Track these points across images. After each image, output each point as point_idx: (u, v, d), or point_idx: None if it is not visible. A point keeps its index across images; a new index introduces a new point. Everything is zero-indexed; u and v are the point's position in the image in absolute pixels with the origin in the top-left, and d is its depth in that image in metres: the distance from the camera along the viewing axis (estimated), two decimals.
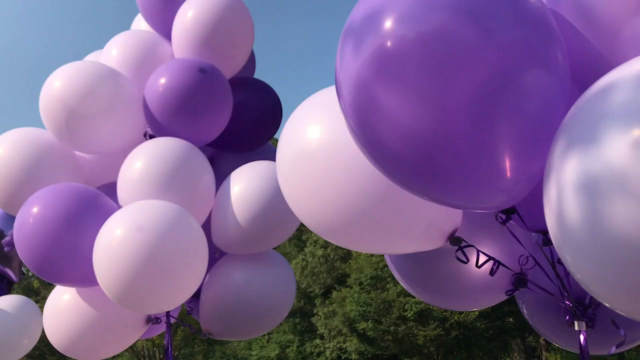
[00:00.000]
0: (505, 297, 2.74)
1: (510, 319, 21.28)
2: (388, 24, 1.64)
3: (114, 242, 2.85)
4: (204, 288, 3.41)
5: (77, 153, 3.66)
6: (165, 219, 2.95)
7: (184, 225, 3.04)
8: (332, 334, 37.72)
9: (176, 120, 3.40)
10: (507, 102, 1.67)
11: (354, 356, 35.08)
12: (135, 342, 17.39)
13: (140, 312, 3.27)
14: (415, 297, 20.11)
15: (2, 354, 4.47)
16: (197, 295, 3.45)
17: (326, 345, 39.74)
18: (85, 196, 3.14)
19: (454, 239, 2.22)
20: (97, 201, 3.14)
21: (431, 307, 20.58)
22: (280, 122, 4.12)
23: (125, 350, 17.44)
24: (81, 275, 3.10)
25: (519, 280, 2.55)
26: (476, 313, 20.61)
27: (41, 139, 3.49)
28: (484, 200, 1.90)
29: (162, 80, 3.41)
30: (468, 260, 2.24)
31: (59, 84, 3.40)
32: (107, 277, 2.84)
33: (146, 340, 17.18)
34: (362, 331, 23.42)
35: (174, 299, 3.01)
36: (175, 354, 18.89)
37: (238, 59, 3.80)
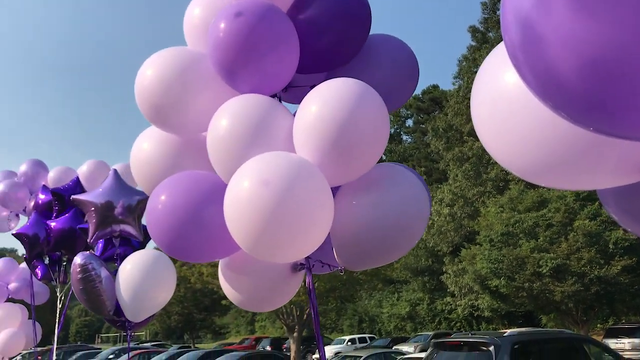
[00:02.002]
0: None
1: None
2: None
3: (241, 196, 2.98)
4: (334, 222, 3.35)
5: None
6: (290, 172, 2.99)
7: (309, 177, 3.05)
8: (462, 291, 37.43)
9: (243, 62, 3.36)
10: None
11: (486, 313, 34.67)
12: None
13: (274, 262, 3.38)
14: (550, 253, 19.26)
15: (139, 307, 5.00)
16: None
17: (457, 303, 39.58)
18: (208, 180, 3.41)
19: None
20: (218, 185, 3.33)
21: (568, 262, 19.71)
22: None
23: None
24: (209, 252, 3.41)
25: None
26: (619, 267, 19.43)
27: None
28: None
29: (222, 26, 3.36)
30: None
31: (150, 72, 3.64)
32: (238, 230, 3.01)
33: None
34: (494, 288, 23.00)
35: (303, 249, 3.10)
36: (310, 310, 19.72)
37: None
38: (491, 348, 8.87)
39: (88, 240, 5.36)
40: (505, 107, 2.16)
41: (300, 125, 3.19)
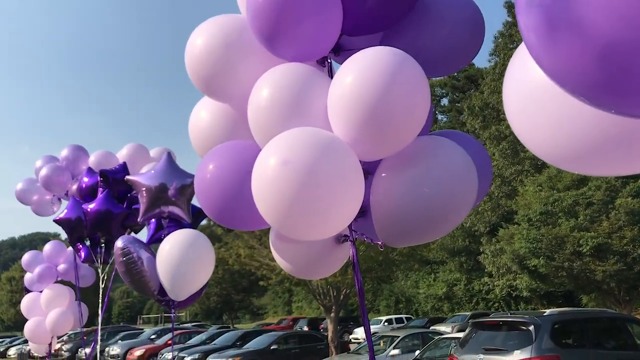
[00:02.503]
0: None
1: None
2: None
3: (263, 175, 2.96)
4: (372, 197, 3.31)
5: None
6: (312, 151, 2.90)
7: (333, 155, 2.95)
8: (500, 271, 37.06)
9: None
10: None
11: (525, 293, 34.30)
12: (310, 280, 18.59)
13: (304, 239, 3.33)
14: (590, 232, 18.84)
15: (179, 286, 5.10)
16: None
17: (495, 283, 39.26)
18: (252, 150, 3.38)
19: None
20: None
21: (609, 241, 19.29)
22: None
23: (302, 287, 18.61)
24: (255, 221, 3.39)
25: None
26: None
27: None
28: None
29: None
30: None
31: (200, 41, 3.61)
32: (263, 208, 3.00)
33: (319, 278, 18.33)
34: (533, 268, 22.68)
35: (326, 229, 3.04)
36: (347, 291, 19.93)
37: None
38: (531, 328, 8.79)
39: (138, 220, 5.52)
40: (536, 96, 2.14)
41: (333, 98, 3.07)
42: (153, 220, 5.50)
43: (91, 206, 7.09)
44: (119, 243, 5.72)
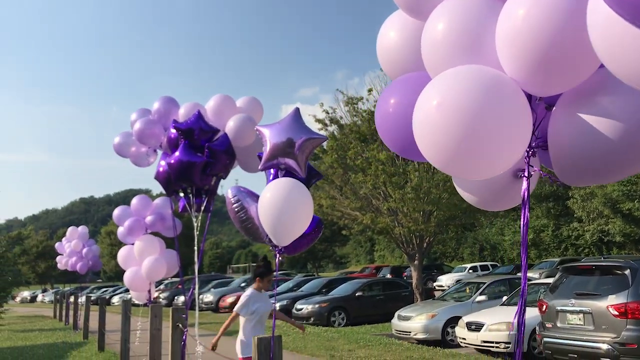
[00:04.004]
0: None
1: None
2: None
3: (421, 115, 2.90)
4: (550, 133, 3.11)
5: None
6: (473, 89, 2.75)
7: (497, 92, 2.77)
8: (591, 216, 35.69)
9: None
10: None
11: (617, 238, 32.92)
12: (393, 229, 18.67)
13: (466, 178, 3.32)
14: None
15: (280, 231, 5.26)
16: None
17: (585, 228, 37.88)
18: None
19: None
20: None
21: None
22: None
23: (384, 236, 18.73)
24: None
25: None
26: None
27: None
28: None
29: None
30: None
31: (393, 34, 3.62)
32: (426, 152, 2.97)
33: (402, 227, 18.36)
34: (627, 212, 21.69)
35: (495, 168, 2.95)
36: (430, 239, 19.87)
37: None
38: (627, 272, 8.47)
39: (259, 168, 5.73)
40: None
41: (502, 30, 2.80)
42: (272, 169, 5.70)
43: (173, 158, 7.34)
44: (229, 193, 6.03)
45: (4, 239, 13.01)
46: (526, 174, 3.15)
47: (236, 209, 5.80)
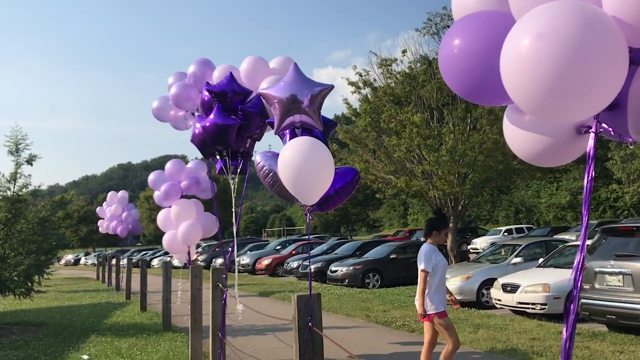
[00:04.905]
0: None
1: None
2: None
3: (514, 52, 2.76)
4: (632, 88, 3.02)
5: None
6: (570, 24, 2.60)
7: (599, 28, 2.60)
8: (631, 177, 34.85)
9: None
10: None
11: None
12: (427, 192, 18.57)
13: (552, 120, 3.16)
14: None
15: (303, 189, 5.29)
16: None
17: (624, 190, 37.07)
18: (504, 21, 3.09)
19: None
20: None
21: None
22: None
23: (418, 199, 18.56)
24: (502, 96, 3.21)
25: None
26: None
27: None
28: None
29: None
30: None
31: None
32: (515, 89, 2.85)
33: (437, 190, 18.24)
34: None
35: (586, 110, 2.82)
36: (465, 202, 19.71)
37: None
38: None
39: (274, 132, 5.73)
40: None
41: None
42: (287, 131, 5.68)
43: (207, 121, 7.36)
44: (256, 158, 6.07)
45: (48, 203, 13.41)
46: (594, 129, 3.06)
47: (264, 174, 5.85)
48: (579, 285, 2.96)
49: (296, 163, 5.18)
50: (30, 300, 13.25)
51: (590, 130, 3.07)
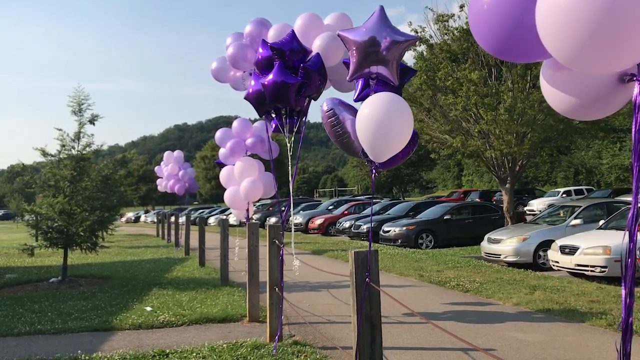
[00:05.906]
0: None
1: None
2: None
3: (554, 3, 2.68)
4: None
5: None
6: None
7: None
8: None
9: None
10: None
11: None
12: (484, 152, 18.16)
13: (593, 71, 3.03)
14: None
15: (378, 147, 5.21)
16: None
17: None
18: None
19: None
20: None
21: None
22: None
23: (474, 160, 18.08)
24: (534, 53, 3.17)
25: None
26: None
27: None
28: None
29: None
30: None
31: None
32: (554, 41, 2.77)
33: (494, 150, 17.82)
34: None
35: (630, 57, 2.72)
36: (523, 162, 19.22)
37: None
38: None
39: (347, 79, 5.56)
40: None
41: None
42: (361, 80, 5.53)
43: (268, 79, 7.33)
44: (324, 106, 5.97)
45: (110, 162, 13.89)
46: (639, 76, 2.94)
47: (332, 123, 5.72)
48: (635, 237, 2.88)
49: (381, 120, 4.99)
50: (96, 254, 13.90)
51: (635, 78, 2.95)
